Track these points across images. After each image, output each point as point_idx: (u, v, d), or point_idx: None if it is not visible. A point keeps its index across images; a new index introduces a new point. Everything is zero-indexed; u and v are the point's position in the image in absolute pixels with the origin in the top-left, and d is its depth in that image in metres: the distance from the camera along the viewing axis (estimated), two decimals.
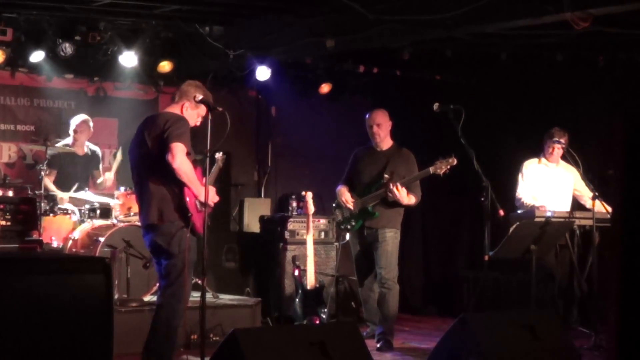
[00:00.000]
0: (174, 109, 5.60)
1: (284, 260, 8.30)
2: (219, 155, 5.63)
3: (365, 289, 7.35)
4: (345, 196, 7.18)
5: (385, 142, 7.23)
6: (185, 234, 5.38)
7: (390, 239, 7.10)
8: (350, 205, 7.16)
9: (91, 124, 8.34)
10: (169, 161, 5.26)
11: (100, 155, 8.53)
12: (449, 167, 6.90)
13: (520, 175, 7.87)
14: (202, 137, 5.37)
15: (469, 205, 9.02)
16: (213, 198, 5.48)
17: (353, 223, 7.20)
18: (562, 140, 7.56)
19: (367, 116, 7.28)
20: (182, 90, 5.63)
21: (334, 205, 7.45)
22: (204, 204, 5.34)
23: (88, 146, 8.39)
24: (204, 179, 5.39)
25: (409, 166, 7.15)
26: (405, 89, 9.79)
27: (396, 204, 7.05)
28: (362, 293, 7.42)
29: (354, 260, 7.40)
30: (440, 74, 9.64)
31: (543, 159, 7.85)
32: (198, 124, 5.65)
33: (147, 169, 5.47)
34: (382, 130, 7.18)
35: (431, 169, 6.94)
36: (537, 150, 7.87)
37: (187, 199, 5.38)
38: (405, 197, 6.97)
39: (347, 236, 7.33)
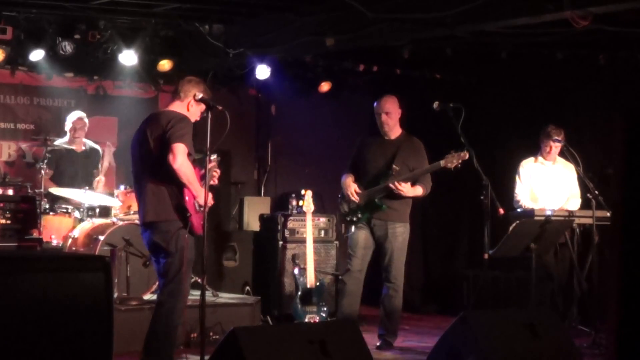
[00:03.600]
0: (179, 108, 5.60)
1: (284, 259, 8.30)
2: (214, 157, 5.59)
3: (355, 281, 6.98)
4: (352, 189, 6.94)
5: (394, 130, 7.00)
6: (183, 233, 5.40)
7: (401, 234, 6.95)
8: (356, 198, 6.93)
9: (86, 120, 8.34)
10: (169, 162, 5.28)
11: (101, 153, 8.51)
12: (460, 161, 6.68)
13: (517, 176, 7.86)
14: (202, 136, 5.37)
15: (469, 203, 9.02)
16: (209, 201, 5.48)
17: (359, 215, 6.98)
18: (560, 138, 7.56)
19: (375, 104, 7.05)
20: (185, 88, 5.62)
21: (339, 196, 7.20)
22: (202, 205, 5.35)
23: (86, 143, 8.38)
24: (202, 182, 5.40)
25: (418, 156, 6.97)
26: (405, 87, 9.75)
27: (405, 196, 6.90)
28: (350, 284, 7.00)
29: (353, 246, 7.02)
30: (440, 73, 9.64)
31: (540, 158, 7.84)
32: (198, 119, 5.67)
33: (148, 167, 5.49)
34: (392, 119, 6.95)
35: (442, 163, 6.72)
36: (537, 148, 7.86)
37: (187, 198, 5.39)
38: (410, 190, 6.81)
39: (353, 228, 7.05)
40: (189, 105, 5.59)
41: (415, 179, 6.86)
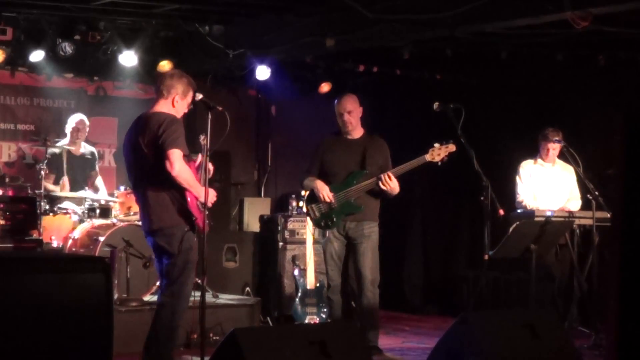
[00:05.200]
0: (166, 107, 5.48)
1: (284, 260, 8.30)
2: (202, 137, 5.51)
3: (338, 293, 6.84)
4: (326, 190, 6.66)
5: (357, 130, 6.81)
6: (190, 236, 5.38)
7: (375, 233, 6.74)
8: (332, 199, 6.66)
9: (87, 122, 8.34)
10: (167, 169, 5.22)
11: (97, 156, 8.51)
12: (447, 154, 6.53)
13: (517, 177, 7.86)
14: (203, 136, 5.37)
15: (469, 204, 9.02)
16: (212, 198, 5.47)
17: (335, 219, 6.70)
18: (559, 139, 7.56)
19: (335, 103, 6.84)
20: (167, 84, 5.49)
21: (304, 200, 6.95)
22: (204, 205, 5.34)
23: (85, 146, 8.39)
24: (199, 174, 5.39)
25: (384, 155, 6.79)
26: (406, 88, 9.79)
27: (378, 195, 6.71)
28: (336, 298, 6.84)
29: (328, 259, 6.85)
30: (440, 73, 9.64)
31: (539, 160, 7.84)
32: (186, 111, 5.61)
33: (145, 174, 5.42)
34: (354, 118, 6.74)
35: (427, 157, 6.53)
36: (537, 150, 7.86)
37: (189, 199, 5.36)
38: (397, 187, 6.60)
39: (327, 233, 6.81)
40: (174, 102, 5.48)
41: (397, 176, 6.62)
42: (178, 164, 5.22)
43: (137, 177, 5.51)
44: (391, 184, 6.55)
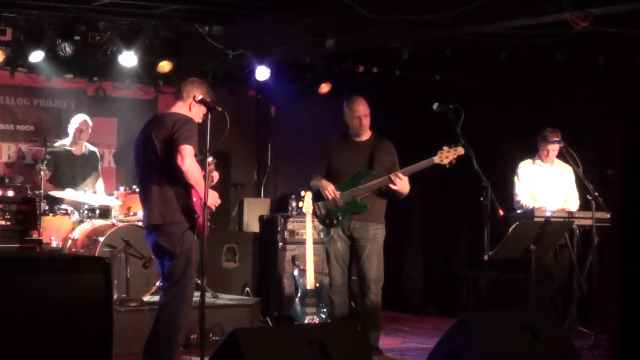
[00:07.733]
0: (182, 109, 5.57)
1: (284, 260, 8.31)
2: (210, 159, 5.58)
3: (341, 294, 6.84)
4: (331, 187, 6.68)
5: (367, 132, 6.88)
6: (190, 235, 5.38)
7: (381, 236, 6.75)
8: (337, 197, 6.67)
9: (91, 123, 8.35)
10: (177, 164, 5.26)
11: (99, 156, 8.52)
12: (455, 156, 6.55)
13: (515, 177, 7.86)
14: (202, 137, 5.37)
15: (469, 205, 9.01)
16: (215, 201, 5.48)
17: (340, 217, 6.71)
18: (559, 139, 7.56)
19: (349, 105, 6.84)
20: (188, 88, 5.60)
21: (310, 199, 7.00)
22: (207, 206, 5.35)
23: (86, 146, 8.39)
24: (204, 178, 5.40)
25: (392, 157, 6.82)
26: (405, 88, 9.79)
27: (384, 196, 6.72)
28: (337, 299, 6.82)
29: (331, 258, 6.83)
30: (439, 74, 9.64)
31: (537, 160, 7.85)
32: (201, 120, 5.66)
33: (154, 169, 5.45)
34: (368, 121, 6.81)
35: (435, 159, 6.55)
36: (536, 150, 7.87)
37: (194, 199, 5.37)
38: (407, 186, 6.62)
39: (331, 232, 6.80)
40: (191, 106, 5.57)
41: (405, 175, 6.62)
42: (189, 160, 5.27)
43: (144, 171, 5.54)
44: (402, 183, 6.57)
